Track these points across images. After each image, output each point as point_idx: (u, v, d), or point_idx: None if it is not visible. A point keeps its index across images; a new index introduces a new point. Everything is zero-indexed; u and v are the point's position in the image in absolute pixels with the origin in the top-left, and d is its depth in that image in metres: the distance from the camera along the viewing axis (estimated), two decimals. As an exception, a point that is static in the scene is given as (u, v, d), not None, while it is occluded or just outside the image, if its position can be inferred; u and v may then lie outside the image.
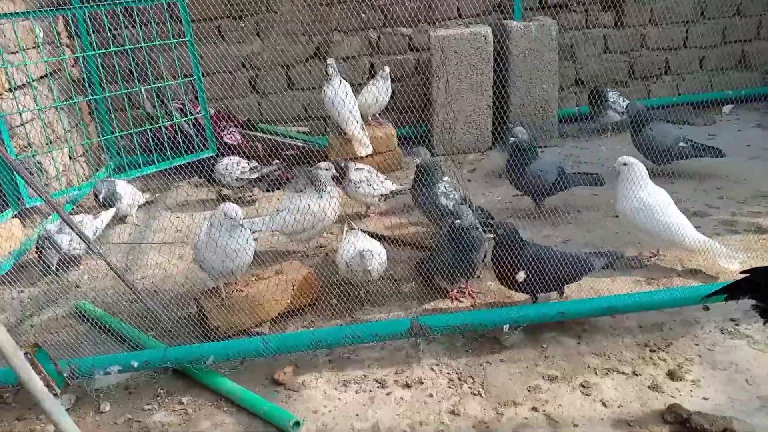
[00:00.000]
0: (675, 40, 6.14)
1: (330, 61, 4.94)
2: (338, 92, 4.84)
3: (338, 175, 4.03)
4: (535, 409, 2.55)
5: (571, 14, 5.93)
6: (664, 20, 6.05)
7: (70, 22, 5.07)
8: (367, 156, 4.98)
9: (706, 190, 4.40)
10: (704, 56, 6.23)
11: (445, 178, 3.89)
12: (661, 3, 5.99)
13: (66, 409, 2.38)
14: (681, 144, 4.49)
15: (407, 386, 2.74)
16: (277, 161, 4.96)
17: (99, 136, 5.40)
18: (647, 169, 3.51)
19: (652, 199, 3.39)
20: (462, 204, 3.82)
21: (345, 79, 4.99)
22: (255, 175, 4.71)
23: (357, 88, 5.34)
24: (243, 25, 5.66)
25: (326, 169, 3.77)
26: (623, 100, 5.62)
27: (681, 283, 3.30)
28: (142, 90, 5.08)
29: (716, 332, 2.90)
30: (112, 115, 5.29)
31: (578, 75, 6.13)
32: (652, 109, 5.90)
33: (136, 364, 2.77)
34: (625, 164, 3.46)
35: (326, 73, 4.93)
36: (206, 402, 2.75)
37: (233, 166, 4.70)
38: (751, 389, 2.56)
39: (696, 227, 3.72)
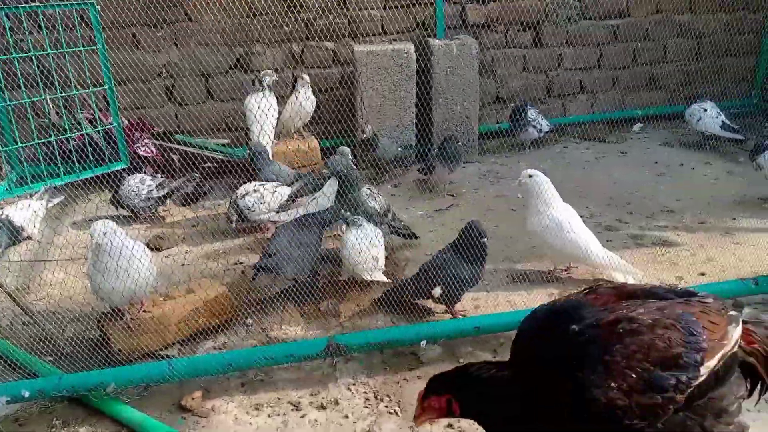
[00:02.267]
0: (589, 61, 6.42)
1: (266, 71, 4.96)
2: (258, 103, 4.79)
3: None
4: (450, 426, 2.53)
5: (491, 33, 6.08)
6: (579, 42, 6.31)
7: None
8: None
9: (617, 205, 4.58)
10: (616, 76, 6.54)
11: (367, 185, 3.88)
12: (576, 26, 6.25)
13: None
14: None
15: (322, 407, 2.66)
16: (193, 174, 4.78)
17: (-1, 147, 5.04)
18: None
19: (560, 215, 3.46)
20: (387, 213, 3.83)
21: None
22: (163, 192, 4.51)
23: (280, 100, 5.25)
24: (160, 33, 5.45)
25: (344, 155, 3.99)
26: (542, 118, 5.80)
27: (593, 296, 3.39)
28: (48, 99, 4.78)
29: (624, 343, 2.99)
30: (14, 125, 4.94)
31: (499, 92, 6.29)
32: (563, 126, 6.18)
33: (27, 394, 2.55)
34: (530, 176, 3.52)
35: (259, 82, 4.88)
36: (106, 432, 2.57)
37: (138, 186, 4.46)
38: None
39: (607, 241, 3.87)
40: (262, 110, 4.80)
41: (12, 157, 5.04)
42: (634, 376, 1.59)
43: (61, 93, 4.68)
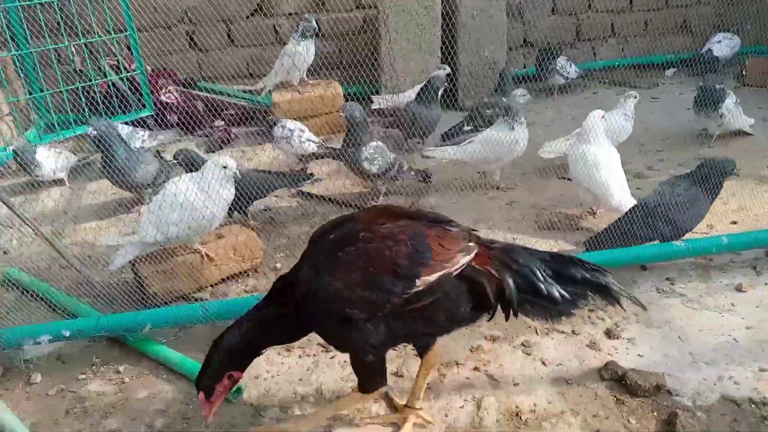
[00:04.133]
0: (620, 3, 6.17)
1: (305, 16, 4.86)
2: (299, 51, 4.78)
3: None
4: (476, 369, 2.57)
5: (519, -26, 5.87)
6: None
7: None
8: (314, 116, 4.91)
9: (648, 152, 4.49)
10: (648, 19, 6.30)
11: (373, 143, 3.80)
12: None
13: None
14: None
15: (351, 349, 2.72)
16: (220, 122, 4.79)
17: (26, 94, 5.07)
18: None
19: (595, 151, 3.44)
20: (389, 171, 3.80)
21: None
22: (154, 143, 4.54)
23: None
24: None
25: (522, 95, 3.91)
26: (570, 65, 5.65)
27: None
28: (71, 45, 4.76)
29: (652, 291, 2.98)
30: (39, 72, 4.96)
31: (526, 36, 6.11)
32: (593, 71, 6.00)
33: (67, 333, 2.65)
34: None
35: (297, 27, 4.82)
36: (144, 370, 2.66)
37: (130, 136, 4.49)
38: (683, 346, 2.64)
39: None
40: (288, 61, 4.75)
41: (40, 105, 5.08)
42: (356, 273, 1.88)
43: (83, 40, 4.67)
